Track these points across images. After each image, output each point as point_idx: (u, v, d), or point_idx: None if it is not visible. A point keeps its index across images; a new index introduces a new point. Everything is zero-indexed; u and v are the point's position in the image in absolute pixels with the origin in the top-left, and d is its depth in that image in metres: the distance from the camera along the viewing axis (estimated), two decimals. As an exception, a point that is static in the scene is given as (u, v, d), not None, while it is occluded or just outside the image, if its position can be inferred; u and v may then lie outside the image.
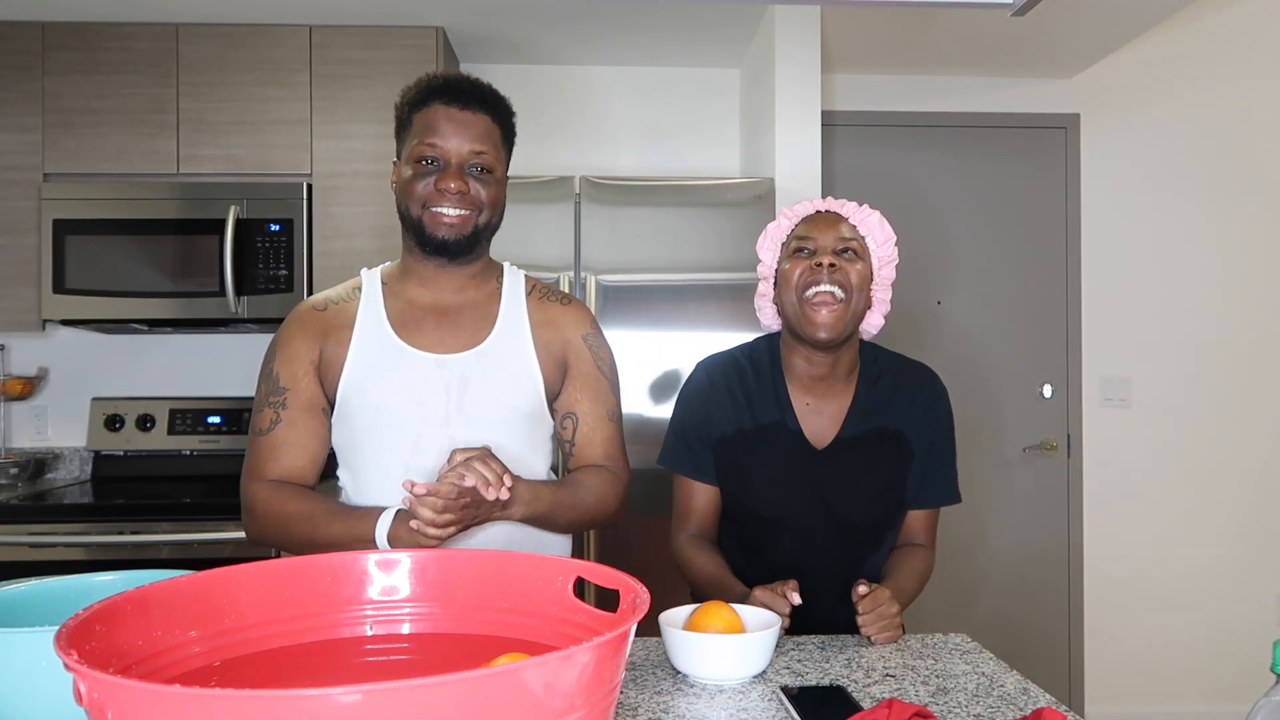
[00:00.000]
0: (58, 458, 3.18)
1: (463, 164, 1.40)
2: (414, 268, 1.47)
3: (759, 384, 1.52)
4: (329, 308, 1.46)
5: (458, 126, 1.40)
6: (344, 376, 1.41)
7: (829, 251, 1.43)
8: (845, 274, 1.42)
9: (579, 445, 1.50)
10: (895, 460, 1.49)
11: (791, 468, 1.48)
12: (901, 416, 1.50)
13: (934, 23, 3.03)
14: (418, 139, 1.40)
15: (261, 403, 1.42)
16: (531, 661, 0.60)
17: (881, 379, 1.52)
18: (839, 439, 1.49)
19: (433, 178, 1.39)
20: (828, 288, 1.41)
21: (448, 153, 1.39)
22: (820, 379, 1.49)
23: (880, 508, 1.50)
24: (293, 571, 0.89)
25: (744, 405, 1.51)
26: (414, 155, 1.41)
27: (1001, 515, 3.51)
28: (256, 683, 0.81)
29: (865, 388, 1.51)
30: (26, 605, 0.99)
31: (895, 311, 3.10)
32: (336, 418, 1.43)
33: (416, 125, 1.42)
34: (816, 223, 1.47)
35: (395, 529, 1.29)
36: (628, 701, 1.09)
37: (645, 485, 2.63)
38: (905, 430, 1.50)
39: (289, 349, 1.43)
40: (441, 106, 1.41)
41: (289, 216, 2.82)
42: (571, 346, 1.50)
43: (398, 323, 1.44)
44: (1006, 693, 1.13)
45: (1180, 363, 3.53)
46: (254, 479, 1.41)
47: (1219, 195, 3.53)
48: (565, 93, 3.40)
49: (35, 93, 2.87)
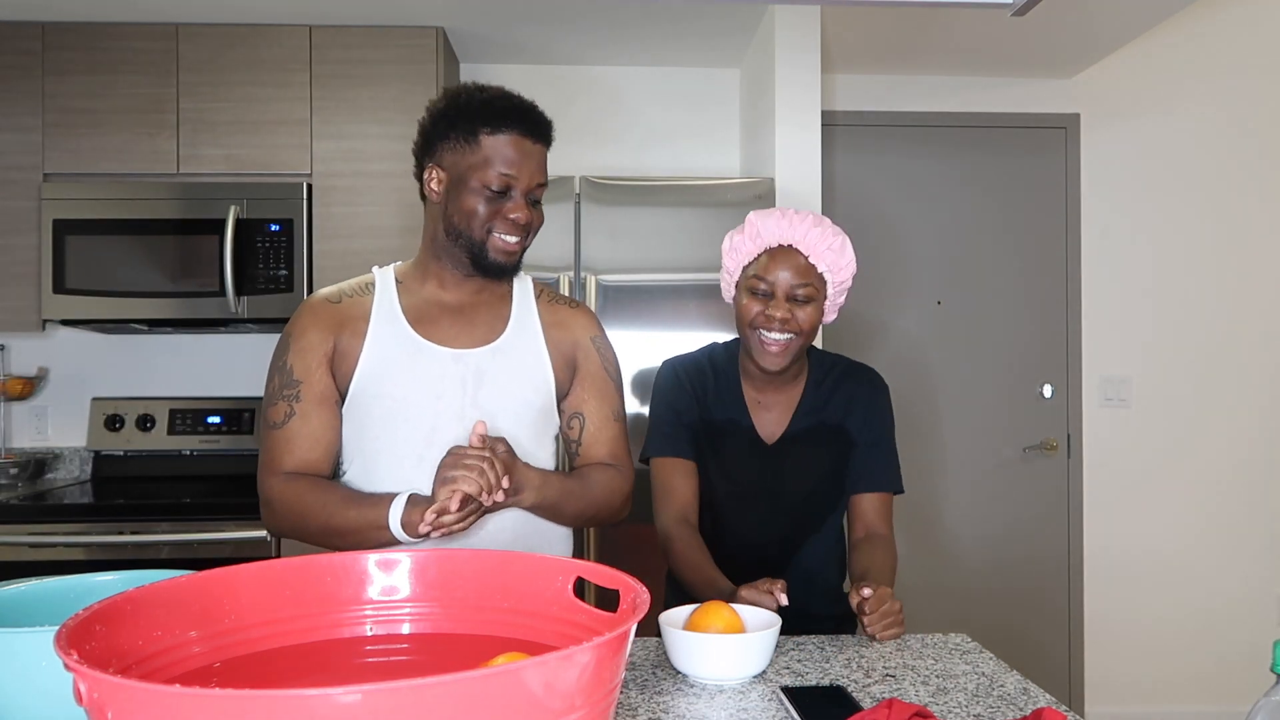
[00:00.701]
0: (58, 458, 3.18)
1: (527, 192, 1.42)
2: (436, 271, 1.48)
3: (717, 383, 1.64)
4: (343, 300, 1.47)
5: (528, 158, 1.41)
6: (359, 368, 1.42)
7: (783, 297, 1.52)
8: (796, 321, 1.52)
9: (585, 444, 1.53)
10: (837, 452, 1.62)
11: (744, 460, 1.61)
12: (842, 411, 1.62)
13: (934, 23, 3.03)
14: (489, 167, 1.39)
15: (275, 396, 1.43)
16: (531, 661, 0.60)
17: (826, 379, 1.64)
18: (786, 435, 1.62)
19: (499, 205, 1.41)
20: (777, 336, 1.52)
21: (519, 184, 1.41)
22: (769, 381, 1.62)
23: (821, 495, 1.63)
24: (293, 571, 0.89)
25: (704, 402, 1.64)
26: (484, 181, 1.39)
27: (1001, 515, 3.51)
28: (256, 683, 0.81)
29: (812, 388, 1.64)
30: (26, 605, 0.99)
31: (895, 311, 3.10)
32: (349, 408, 1.44)
33: (487, 149, 1.40)
34: (775, 259, 1.53)
35: (408, 514, 1.31)
36: (628, 701, 1.09)
37: (644, 484, 2.64)
38: (846, 423, 1.62)
39: (303, 340, 1.43)
40: (517, 137, 1.40)
41: (289, 216, 2.82)
42: (581, 347, 1.53)
43: (414, 318, 1.46)
44: (1006, 693, 1.13)
45: (1180, 363, 3.53)
46: (270, 473, 1.42)
47: (1219, 195, 3.53)
48: (565, 93, 3.40)
49: (35, 93, 2.87)
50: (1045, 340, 3.54)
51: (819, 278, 1.53)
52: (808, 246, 1.52)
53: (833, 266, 1.54)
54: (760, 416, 1.63)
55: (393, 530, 1.31)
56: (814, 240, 1.53)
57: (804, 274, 1.52)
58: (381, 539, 1.32)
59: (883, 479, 1.62)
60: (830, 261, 1.53)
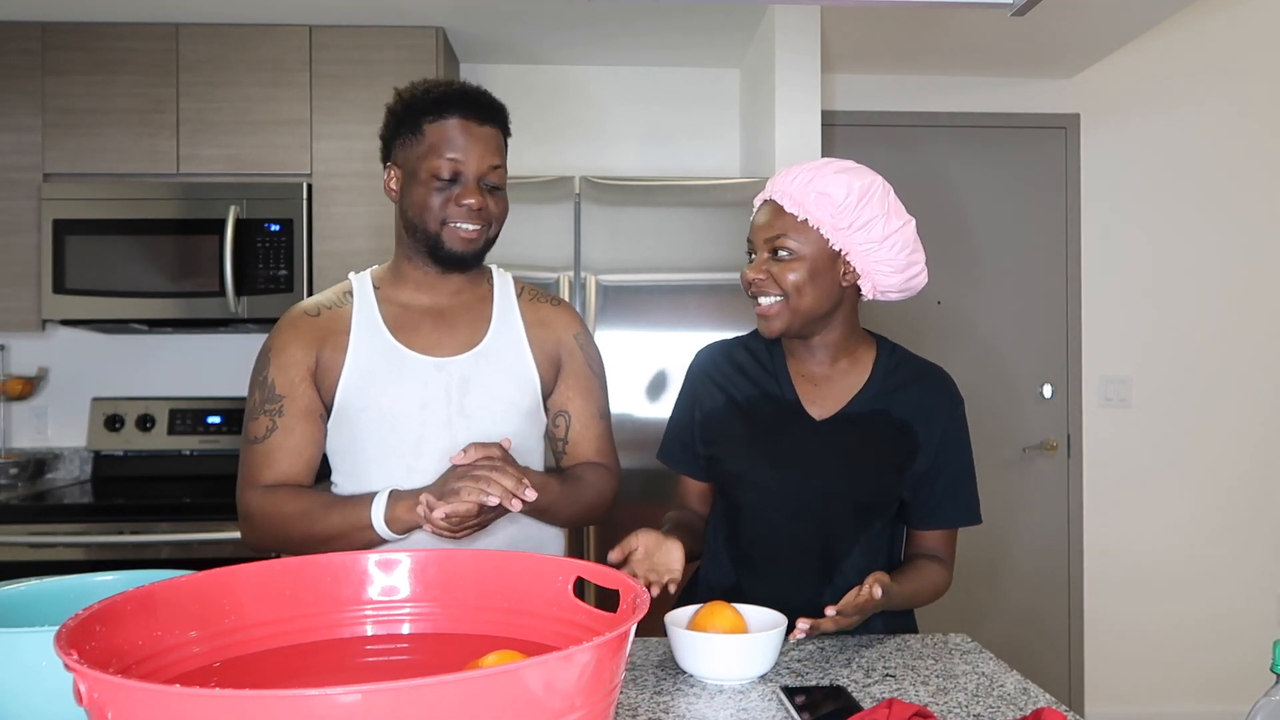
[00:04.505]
0: (58, 458, 3.18)
1: (479, 179, 1.40)
2: (410, 273, 1.47)
3: (754, 359, 1.49)
4: (322, 313, 1.45)
5: (475, 141, 1.38)
6: (343, 381, 1.41)
7: (761, 259, 1.38)
8: (771, 282, 1.37)
9: (572, 443, 1.52)
10: (896, 446, 1.41)
11: (784, 436, 1.43)
12: (912, 409, 1.43)
13: (934, 23, 3.03)
14: (435, 154, 1.38)
15: (256, 410, 1.41)
16: (531, 661, 0.60)
17: (898, 370, 1.46)
18: (842, 414, 1.43)
19: (450, 193, 1.39)
20: (760, 300, 1.39)
21: (467, 168, 1.38)
22: (812, 355, 1.45)
23: (870, 489, 1.41)
24: (293, 571, 0.89)
25: (734, 379, 1.48)
26: (432, 170, 1.38)
27: (1001, 515, 3.51)
28: (256, 683, 0.81)
29: (881, 374, 1.45)
30: (26, 605, 0.99)
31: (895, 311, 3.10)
32: (334, 422, 1.43)
33: (431, 137, 1.38)
34: (759, 217, 1.41)
35: (392, 509, 1.29)
36: (628, 701, 1.09)
37: (645, 484, 2.64)
38: (914, 423, 1.42)
39: (284, 355, 1.41)
40: (459, 120, 1.38)
41: (289, 216, 2.82)
42: (565, 346, 1.52)
43: (394, 326, 1.44)
44: (1006, 693, 1.13)
45: (1180, 363, 3.52)
46: (248, 486, 1.40)
47: (1219, 195, 3.53)
48: (565, 93, 3.40)
49: (35, 93, 2.87)
50: (1045, 340, 3.54)
51: (800, 232, 1.35)
52: (788, 195, 1.36)
53: (820, 209, 1.34)
54: (808, 392, 1.44)
55: (376, 529, 1.30)
56: (797, 187, 1.35)
57: (779, 227, 1.36)
58: (366, 539, 1.31)
59: (963, 514, 1.45)
60: (823, 211, 1.33)
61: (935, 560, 1.45)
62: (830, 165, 1.36)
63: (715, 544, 1.51)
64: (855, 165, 1.39)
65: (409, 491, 1.31)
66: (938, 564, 1.44)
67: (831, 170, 1.35)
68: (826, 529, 1.42)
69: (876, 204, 1.35)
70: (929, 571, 1.41)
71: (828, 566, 1.42)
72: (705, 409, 1.50)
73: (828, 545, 1.42)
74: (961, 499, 1.45)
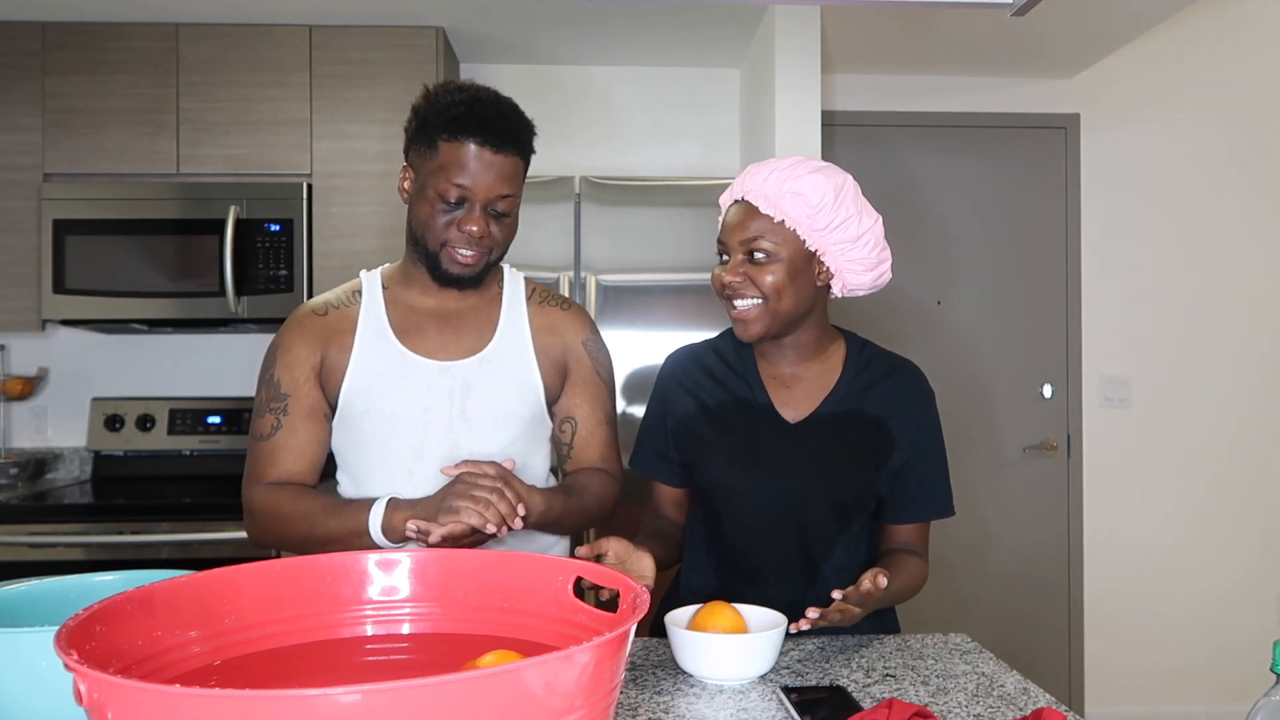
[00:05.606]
0: (58, 458, 3.18)
1: (486, 204, 1.37)
2: (418, 276, 1.46)
3: (724, 363, 1.47)
4: (329, 312, 1.45)
5: (487, 170, 1.34)
6: (347, 382, 1.41)
7: (736, 262, 1.35)
8: (749, 285, 1.34)
9: (577, 448, 1.53)
10: (871, 444, 1.41)
11: (759, 441, 1.42)
12: (885, 405, 1.42)
13: (934, 23, 3.03)
14: (445, 176, 1.34)
15: (262, 408, 1.42)
16: (531, 661, 0.60)
17: (869, 367, 1.45)
18: (815, 416, 1.41)
19: (454, 216, 1.37)
20: (736, 304, 1.36)
21: (474, 195, 1.36)
22: (783, 356, 1.44)
23: (849, 489, 1.40)
24: (293, 571, 0.89)
25: (704, 384, 1.47)
26: (439, 191, 1.35)
27: (1001, 515, 3.51)
28: (256, 683, 0.81)
29: (852, 372, 1.44)
30: (26, 605, 0.99)
31: (895, 311, 3.10)
32: (338, 422, 1.44)
33: (445, 157, 1.35)
34: (731, 217, 1.37)
35: (389, 519, 1.30)
36: (628, 701, 1.09)
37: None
38: (888, 420, 1.42)
39: (289, 354, 1.42)
40: (475, 147, 1.34)
41: (289, 216, 2.82)
42: (572, 352, 1.52)
43: (400, 329, 1.44)
44: (1006, 693, 1.13)
45: (1180, 363, 3.52)
46: (253, 483, 1.42)
47: (1219, 195, 3.53)
48: (565, 93, 3.40)
49: (35, 93, 2.87)
50: (1045, 340, 3.54)
51: (775, 234, 1.33)
52: (762, 195, 1.33)
53: (796, 209, 1.31)
54: (780, 394, 1.43)
55: (373, 536, 1.31)
56: (771, 187, 1.32)
57: (755, 229, 1.33)
58: (364, 545, 1.31)
59: (935, 507, 1.45)
60: (799, 212, 1.31)
61: (912, 554, 1.44)
62: (803, 165, 1.34)
63: (696, 549, 1.51)
64: (827, 164, 1.38)
65: (408, 501, 1.32)
66: (915, 558, 1.44)
67: (805, 170, 1.33)
68: (807, 531, 1.41)
69: (850, 204, 1.34)
70: (910, 565, 1.41)
71: (810, 568, 1.42)
72: (677, 416, 1.49)
73: (809, 547, 1.42)
74: (935, 492, 1.45)
